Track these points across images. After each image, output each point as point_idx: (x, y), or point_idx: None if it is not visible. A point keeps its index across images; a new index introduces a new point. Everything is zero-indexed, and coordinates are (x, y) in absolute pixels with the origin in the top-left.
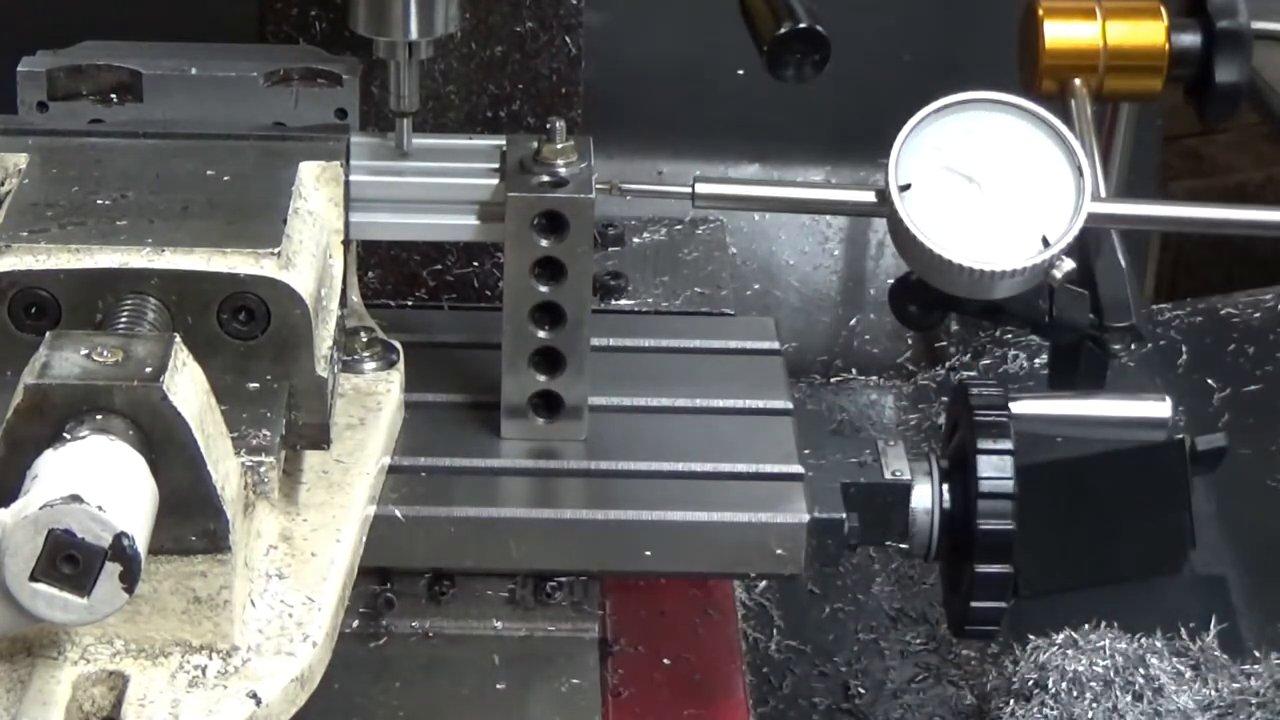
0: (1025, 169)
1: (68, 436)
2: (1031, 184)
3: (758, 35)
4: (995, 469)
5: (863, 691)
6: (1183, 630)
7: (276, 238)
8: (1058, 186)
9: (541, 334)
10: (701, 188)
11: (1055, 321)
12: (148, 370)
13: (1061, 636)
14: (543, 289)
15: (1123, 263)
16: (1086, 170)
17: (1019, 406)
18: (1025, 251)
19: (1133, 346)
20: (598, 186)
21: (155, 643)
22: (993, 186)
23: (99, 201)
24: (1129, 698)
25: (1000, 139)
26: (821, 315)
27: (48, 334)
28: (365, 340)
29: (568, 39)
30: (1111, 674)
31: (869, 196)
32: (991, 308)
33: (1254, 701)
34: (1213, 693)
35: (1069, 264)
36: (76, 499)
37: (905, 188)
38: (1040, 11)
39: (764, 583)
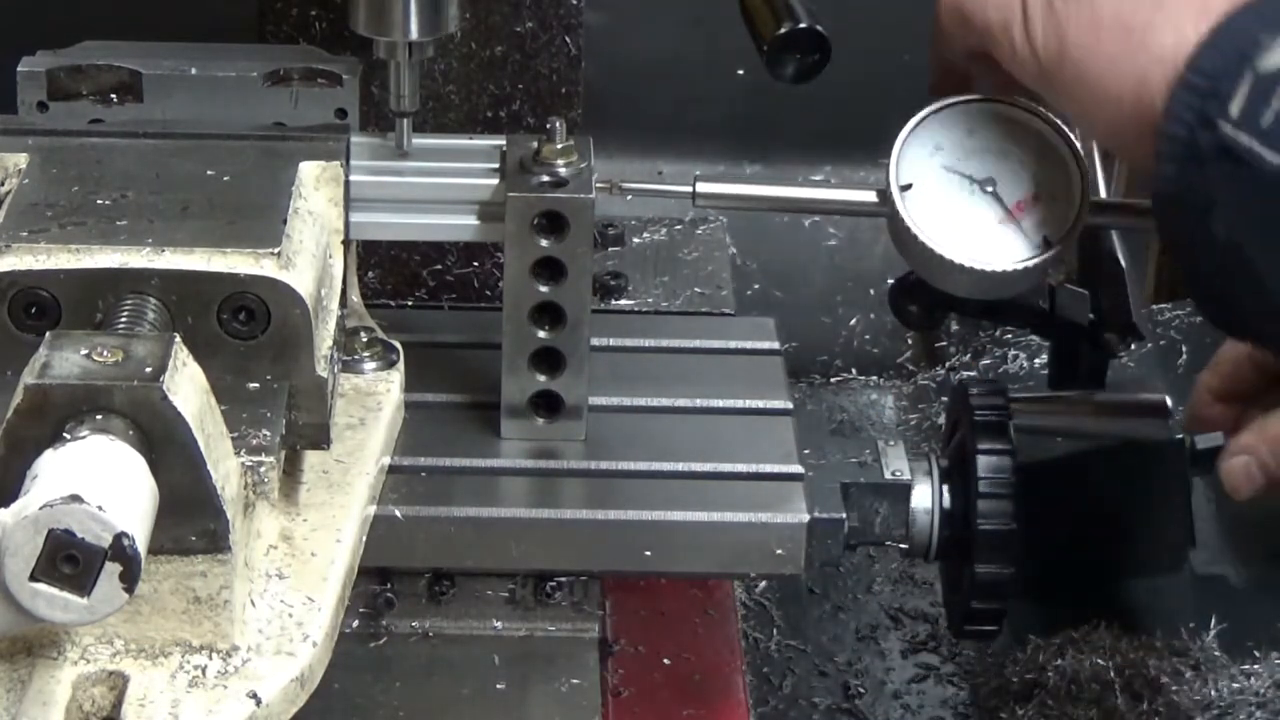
0: (1026, 169)
1: (68, 436)
2: (1032, 184)
3: (758, 35)
4: (995, 469)
5: (863, 691)
6: (1183, 630)
7: (276, 238)
8: (1059, 186)
9: (541, 334)
10: (702, 187)
11: (1055, 321)
12: (148, 370)
13: (1061, 636)
14: (543, 289)
15: (1123, 263)
16: (1087, 170)
17: (1019, 406)
18: (1026, 251)
19: (1133, 346)
20: (598, 186)
21: (155, 643)
22: (993, 187)
23: (99, 201)
24: (1129, 698)
25: (1001, 138)
26: (821, 315)
27: (48, 334)
28: (365, 340)
29: (568, 39)
30: (1111, 674)
31: (870, 196)
32: (991, 307)
33: (1254, 701)
34: (1213, 693)
35: (1070, 264)
36: (76, 499)
37: (906, 188)
38: None
39: (764, 583)
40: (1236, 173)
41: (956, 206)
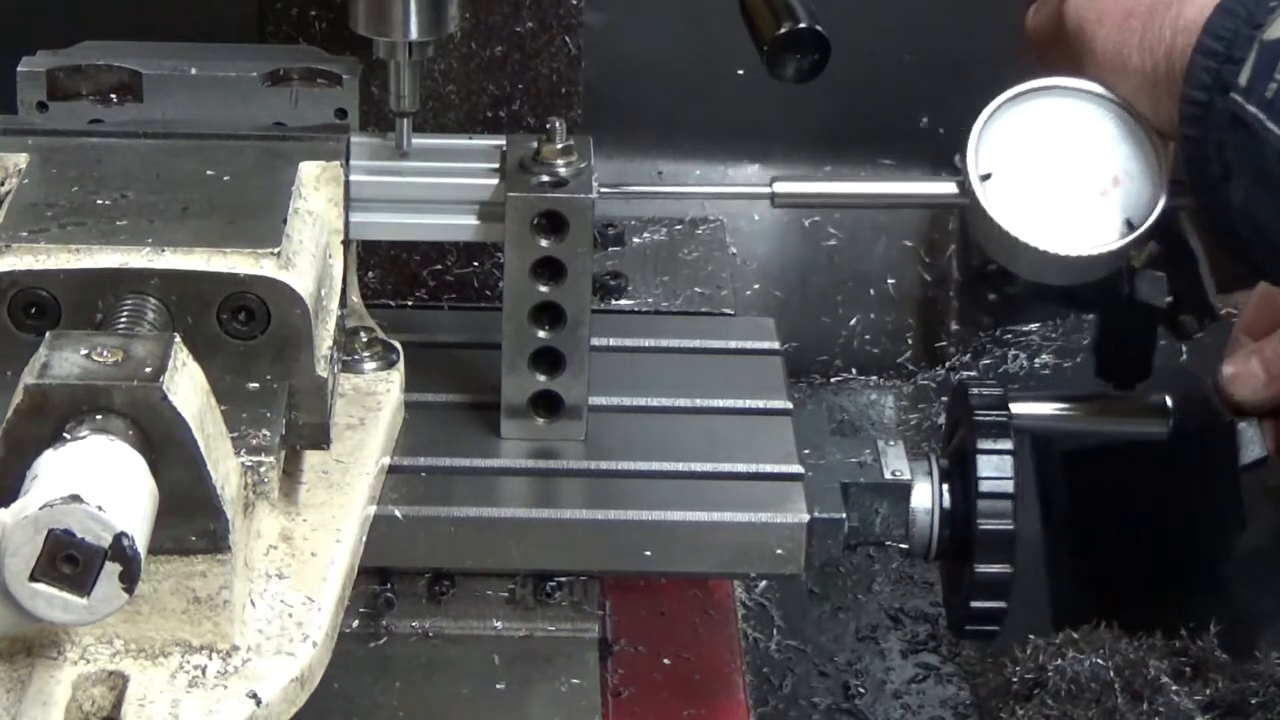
0: (1105, 153)
1: (68, 436)
2: (1112, 168)
3: (758, 35)
4: (995, 469)
5: (863, 691)
6: (1183, 630)
7: (276, 238)
8: (1139, 168)
9: (541, 334)
10: (780, 187)
11: (1134, 304)
12: (148, 370)
13: (1061, 636)
14: (543, 289)
15: (1194, 243)
16: (1166, 153)
17: (1019, 406)
18: (1109, 235)
19: (1209, 326)
20: (636, 190)
21: (155, 643)
22: (1073, 172)
23: (99, 201)
24: (1129, 698)
25: (1079, 124)
26: (821, 315)
27: (48, 334)
28: (365, 340)
29: (568, 39)
30: (1111, 674)
31: (949, 188)
32: (1072, 292)
33: (1254, 701)
34: (1213, 693)
35: (1151, 246)
36: (76, 499)
37: (985, 177)
38: None
39: (764, 583)
40: (1247, 142)
41: (1037, 193)
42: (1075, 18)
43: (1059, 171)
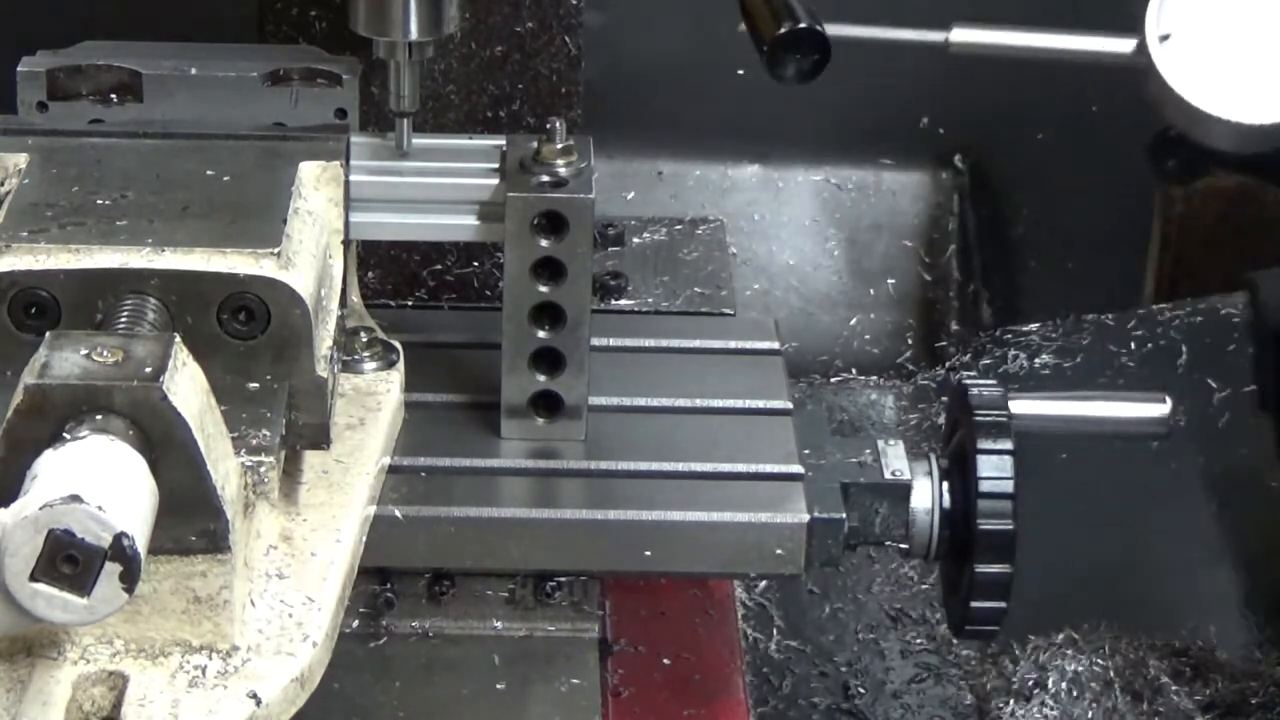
0: None
1: (68, 436)
2: None
3: (758, 35)
4: (995, 469)
5: (863, 691)
6: (1183, 630)
7: (276, 238)
8: None
9: (541, 334)
10: (956, 35)
11: None
12: (148, 370)
13: (1061, 636)
14: (543, 289)
15: None
16: None
17: (1019, 406)
18: None
19: None
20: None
21: (155, 643)
22: (1257, 35)
23: (99, 201)
24: (1129, 698)
25: None
26: (821, 315)
27: (48, 334)
28: (365, 340)
29: (568, 39)
30: (1111, 674)
31: (1126, 46)
32: (1254, 160)
33: (1254, 701)
34: (1213, 693)
35: None
36: (76, 499)
37: (1165, 38)
38: None
39: (764, 583)
40: None
41: (1218, 56)
42: None
43: (1242, 34)
